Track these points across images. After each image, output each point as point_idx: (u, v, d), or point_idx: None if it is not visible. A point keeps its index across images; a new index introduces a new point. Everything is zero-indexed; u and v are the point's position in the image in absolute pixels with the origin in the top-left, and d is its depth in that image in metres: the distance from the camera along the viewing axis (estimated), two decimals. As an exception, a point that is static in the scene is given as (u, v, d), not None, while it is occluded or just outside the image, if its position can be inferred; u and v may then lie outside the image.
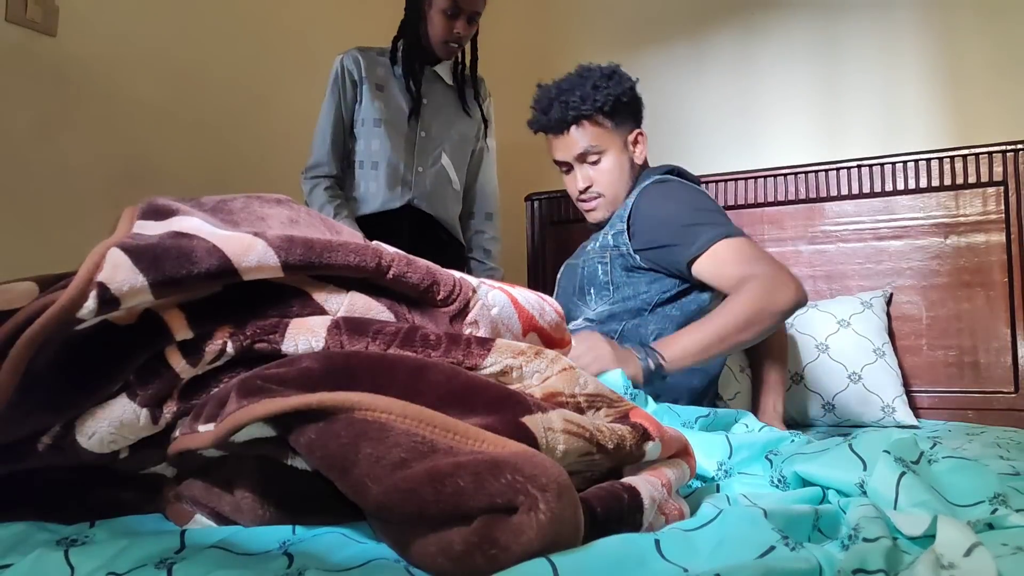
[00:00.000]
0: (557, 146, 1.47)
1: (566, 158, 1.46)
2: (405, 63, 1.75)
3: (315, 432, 0.47)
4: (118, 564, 0.47)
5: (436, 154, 1.79)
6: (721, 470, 0.78)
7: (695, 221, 1.29)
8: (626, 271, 1.37)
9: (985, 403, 1.68)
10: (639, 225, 1.35)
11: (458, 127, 1.83)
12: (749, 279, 1.20)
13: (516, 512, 0.42)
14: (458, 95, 1.83)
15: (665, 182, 1.39)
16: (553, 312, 0.72)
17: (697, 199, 1.36)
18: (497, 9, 2.52)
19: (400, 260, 0.62)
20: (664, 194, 1.37)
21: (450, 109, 1.82)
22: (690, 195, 1.37)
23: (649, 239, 1.33)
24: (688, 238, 1.28)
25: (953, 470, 0.61)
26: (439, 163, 1.79)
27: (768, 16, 2.07)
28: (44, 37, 1.51)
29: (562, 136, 1.44)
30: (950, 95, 1.84)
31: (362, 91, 1.73)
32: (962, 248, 1.75)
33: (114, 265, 0.51)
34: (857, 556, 0.44)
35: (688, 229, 1.28)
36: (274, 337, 0.57)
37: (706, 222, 1.28)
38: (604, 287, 1.40)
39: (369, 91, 1.72)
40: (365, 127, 1.73)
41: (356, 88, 1.73)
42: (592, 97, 1.40)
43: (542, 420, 0.52)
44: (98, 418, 0.54)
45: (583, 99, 1.40)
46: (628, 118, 1.46)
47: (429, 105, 1.78)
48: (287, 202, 0.75)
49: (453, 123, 1.82)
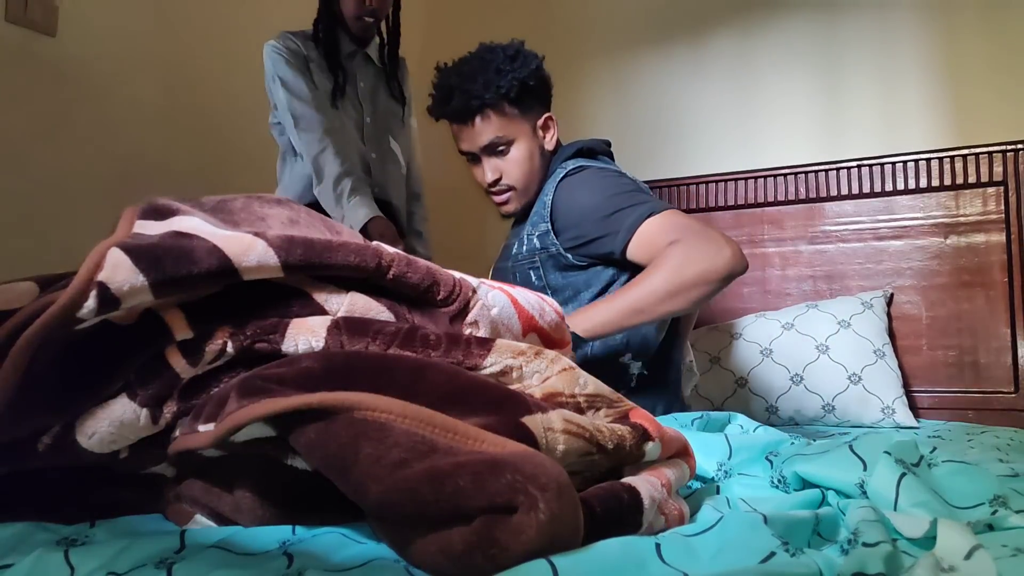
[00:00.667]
0: (461, 136, 1.37)
1: (471, 149, 1.37)
2: (327, 43, 1.65)
3: (315, 432, 0.47)
4: (118, 564, 0.47)
5: (384, 138, 1.74)
6: (721, 471, 0.78)
7: (617, 207, 1.23)
8: (561, 271, 1.32)
9: (985, 403, 1.68)
10: (562, 222, 1.30)
11: (393, 108, 1.78)
12: (671, 246, 1.15)
13: (516, 512, 0.42)
14: (387, 76, 1.78)
15: (579, 171, 1.32)
16: (553, 312, 0.72)
17: (614, 183, 1.29)
18: (497, 9, 2.53)
19: (400, 260, 0.62)
20: (581, 185, 1.30)
21: (384, 93, 1.77)
22: (605, 181, 1.30)
23: (576, 235, 1.28)
24: (614, 226, 1.22)
25: (953, 473, 0.61)
26: (388, 147, 1.74)
27: (768, 16, 2.07)
28: (44, 37, 1.50)
29: (466, 127, 1.35)
30: (950, 95, 1.84)
31: (310, 70, 1.63)
32: (962, 248, 1.75)
33: (114, 265, 0.51)
34: (857, 560, 0.44)
35: (612, 217, 1.23)
36: (274, 337, 0.57)
37: (628, 205, 1.23)
38: (541, 292, 1.37)
39: (316, 71, 1.63)
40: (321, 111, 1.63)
41: (307, 65, 1.63)
42: (495, 84, 1.30)
43: (542, 420, 0.52)
44: (98, 418, 0.54)
45: (486, 86, 1.30)
46: (536, 103, 1.37)
47: (366, 89, 1.72)
48: (287, 202, 0.75)
49: (389, 105, 1.77)
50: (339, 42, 1.68)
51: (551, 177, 1.36)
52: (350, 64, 1.71)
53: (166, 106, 1.75)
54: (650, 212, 1.21)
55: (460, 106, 1.33)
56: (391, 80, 1.78)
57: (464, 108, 1.33)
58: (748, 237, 1.99)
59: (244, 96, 1.93)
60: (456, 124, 1.37)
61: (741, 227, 2.00)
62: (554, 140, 1.41)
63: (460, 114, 1.34)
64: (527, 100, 1.36)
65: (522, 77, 1.32)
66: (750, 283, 1.98)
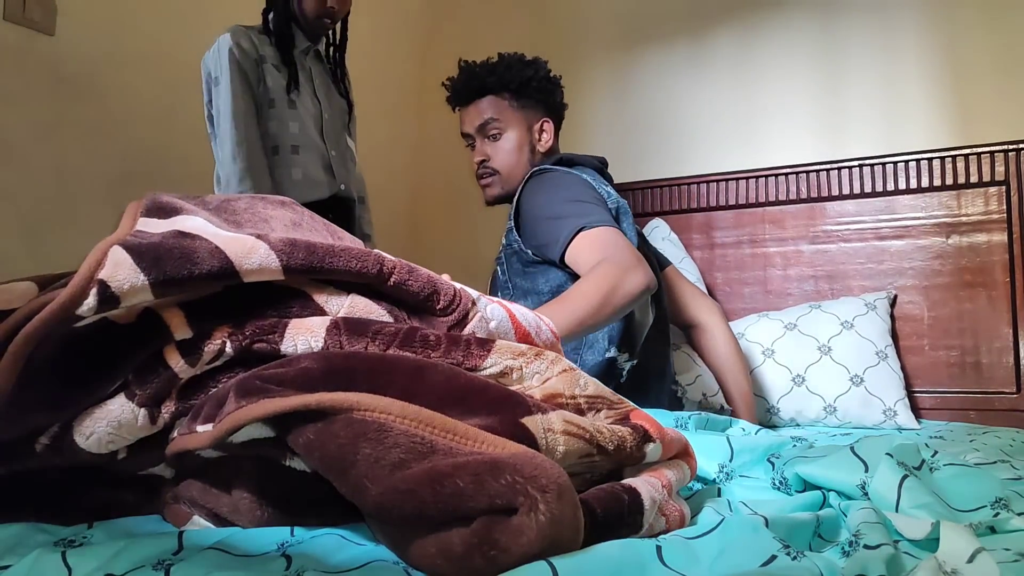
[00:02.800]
0: (463, 119, 1.48)
1: (469, 130, 1.48)
2: (280, 39, 1.60)
3: (314, 432, 0.47)
4: (116, 565, 0.47)
5: (342, 135, 1.73)
6: (722, 473, 0.77)
7: (559, 215, 1.28)
8: (524, 266, 1.37)
9: (987, 403, 1.68)
10: (522, 220, 1.36)
11: (342, 107, 1.76)
12: (601, 263, 1.20)
13: (516, 513, 0.42)
14: (333, 75, 1.76)
15: (543, 173, 1.38)
16: (548, 331, 0.72)
17: (568, 190, 1.33)
18: (497, 9, 2.53)
19: (402, 268, 0.62)
20: (539, 188, 1.36)
21: (334, 90, 1.75)
22: (559, 188, 1.34)
23: (530, 235, 1.34)
24: (554, 234, 1.28)
25: (956, 476, 0.61)
26: (345, 144, 1.73)
27: (769, 15, 2.07)
28: (42, 36, 1.50)
29: (468, 108, 1.47)
30: (951, 94, 1.84)
31: (263, 70, 1.57)
32: (964, 248, 1.75)
33: (115, 263, 0.51)
34: (858, 563, 0.44)
35: (553, 224, 1.28)
36: (273, 337, 0.57)
37: (568, 215, 1.27)
38: (504, 287, 1.40)
39: (270, 70, 1.58)
40: (277, 108, 1.57)
41: (258, 67, 1.56)
42: (502, 75, 1.42)
43: (542, 421, 0.52)
44: (96, 418, 0.53)
45: (491, 72, 1.43)
46: (537, 103, 1.46)
47: (321, 85, 1.70)
48: (290, 204, 0.75)
49: (339, 103, 1.76)
50: (293, 37, 1.64)
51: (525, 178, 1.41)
52: (304, 59, 1.68)
53: (165, 106, 1.75)
54: (583, 226, 1.25)
55: (464, 86, 1.45)
56: (340, 81, 1.78)
57: (467, 88, 1.45)
58: (749, 237, 1.99)
59: (244, 95, 1.92)
60: (461, 108, 1.49)
61: (742, 227, 2.00)
62: (548, 144, 1.47)
63: (464, 95, 1.46)
64: (527, 96, 1.44)
65: (527, 75, 1.42)
66: (752, 283, 1.97)
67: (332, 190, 1.64)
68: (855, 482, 0.62)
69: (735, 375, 1.50)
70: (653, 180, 2.12)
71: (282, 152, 1.58)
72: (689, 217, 2.07)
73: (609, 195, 1.38)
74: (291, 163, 1.59)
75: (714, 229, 2.04)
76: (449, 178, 2.48)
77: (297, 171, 1.59)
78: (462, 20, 2.59)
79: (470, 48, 1.45)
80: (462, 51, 1.44)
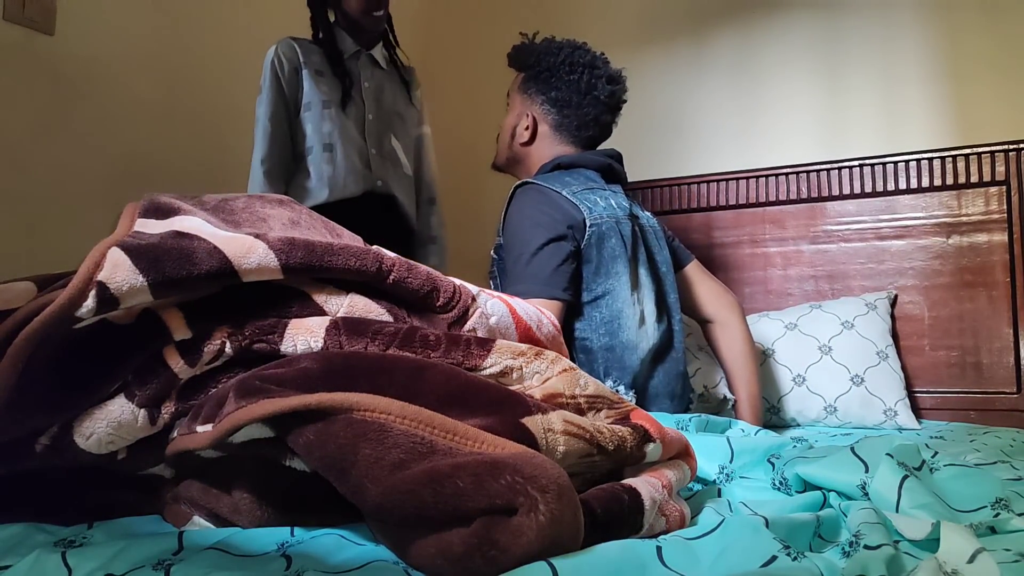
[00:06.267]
0: None
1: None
2: (329, 47, 1.68)
3: (314, 433, 0.47)
4: (116, 566, 0.47)
5: (387, 136, 1.75)
6: (723, 473, 0.77)
7: (512, 271, 1.28)
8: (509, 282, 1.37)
9: (987, 404, 1.68)
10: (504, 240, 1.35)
11: (400, 111, 1.79)
12: None
13: (516, 513, 0.42)
14: (399, 80, 1.81)
15: (526, 187, 1.34)
16: (550, 325, 0.72)
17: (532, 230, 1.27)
18: (497, 9, 2.52)
19: (401, 265, 0.62)
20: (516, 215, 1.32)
21: (390, 94, 1.78)
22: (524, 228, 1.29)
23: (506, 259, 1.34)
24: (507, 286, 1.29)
25: (956, 476, 0.61)
26: (389, 145, 1.75)
27: (769, 15, 2.07)
28: (42, 36, 1.50)
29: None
30: (952, 94, 1.84)
31: (303, 76, 1.66)
32: (964, 248, 1.74)
33: (114, 264, 0.51)
34: (859, 564, 0.44)
35: (509, 275, 1.29)
36: (273, 337, 0.57)
37: (517, 277, 1.26)
38: None
39: (310, 76, 1.66)
40: (312, 111, 1.65)
41: (297, 74, 1.66)
42: (517, 53, 1.47)
43: (542, 421, 0.52)
44: (96, 418, 0.53)
45: (518, 49, 1.48)
46: (534, 91, 1.45)
47: (371, 88, 1.74)
48: (289, 203, 0.75)
49: (395, 107, 1.79)
50: (337, 44, 1.70)
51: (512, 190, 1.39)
52: (354, 64, 1.73)
53: (165, 105, 1.75)
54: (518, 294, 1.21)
55: (513, 55, 1.50)
56: (400, 84, 1.81)
57: (509, 56, 1.51)
58: (749, 236, 1.98)
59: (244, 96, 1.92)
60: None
61: (742, 226, 2.00)
62: (526, 136, 1.46)
63: (509, 59, 1.52)
64: (531, 81, 1.46)
65: (543, 63, 1.43)
66: (752, 283, 1.97)
67: (368, 185, 1.68)
68: (855, 482, 0.62)
69: (746, 376, 1.48)
70: (653, 180, 2.12)
71: (314, 152, 1.65)
72: (689, 217, 2.07)
73: (591, 210, 1.30)
74: (316, 163, 1.65)
75: (714, 229, 2.03)
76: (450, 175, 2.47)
77: (328, 168, 1.65)
78: (462, 21, 2.59)
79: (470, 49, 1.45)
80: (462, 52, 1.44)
